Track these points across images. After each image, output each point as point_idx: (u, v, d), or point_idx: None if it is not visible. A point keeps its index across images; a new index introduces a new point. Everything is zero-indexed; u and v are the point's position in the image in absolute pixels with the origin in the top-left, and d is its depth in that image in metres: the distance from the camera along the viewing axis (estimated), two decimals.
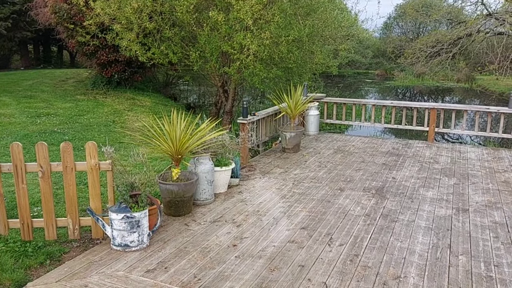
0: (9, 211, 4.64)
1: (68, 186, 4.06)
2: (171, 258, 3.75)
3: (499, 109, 8.38)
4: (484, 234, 4.33)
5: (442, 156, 7.57)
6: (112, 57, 12.69)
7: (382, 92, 25.65)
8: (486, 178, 6.25)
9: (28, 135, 8.52)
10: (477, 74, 26.12)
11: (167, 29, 9.50)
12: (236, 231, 4.32)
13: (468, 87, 26.57)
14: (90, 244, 4.13)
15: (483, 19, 20.89)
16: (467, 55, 24.94)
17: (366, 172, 6.51)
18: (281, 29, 8.65)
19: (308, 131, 9.32)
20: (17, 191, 4.03)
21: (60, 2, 12.41)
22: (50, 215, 4.09)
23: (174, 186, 4.61)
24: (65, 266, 3.62)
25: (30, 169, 4.03)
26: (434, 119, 8.65)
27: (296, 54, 9.35)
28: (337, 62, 12.52)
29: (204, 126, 5.06)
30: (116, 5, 9.37)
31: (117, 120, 10.48)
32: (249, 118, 7.01)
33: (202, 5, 9.39)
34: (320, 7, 9.86)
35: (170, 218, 4.65)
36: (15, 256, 3.82)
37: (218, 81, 10.88)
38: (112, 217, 3.83)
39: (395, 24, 38.97)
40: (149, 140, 4.82)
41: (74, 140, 8.28)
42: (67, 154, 4.00)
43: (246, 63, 8.92)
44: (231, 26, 8.85)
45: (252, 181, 6.01)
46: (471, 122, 13.42)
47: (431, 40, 23.11)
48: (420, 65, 23.74)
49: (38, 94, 13.25)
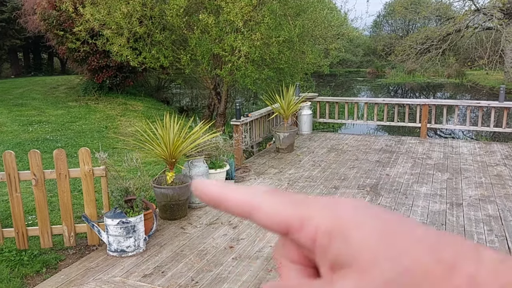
0: (3, 220, 4.61)
1: (62, 193, 4.04)
2: (168, 262, 3.74)
3: (490, 103, 8.46)
4: (478, 227, 4.37)
5: (434, 151, 7.62)
6: (103, 63, 12.64)
7: (374, 90, 25.78)
8: (478, 172, 6.31)
9: (20, 143, 8.46)
10: (467, 69, 26.35)
11: (157, 33, 9.50)
12: (232, 233, 4.33)
13: (458, 82, 26.78)
14: (86, 250, 4.12)
15: (472, 15, 21.09)
16: (457, 51, 25.14)
17: (360, 169, 6.54)
18: (271, 30, 8.67)
19: (302, 131, 9.35)
20: (11, 200, 4.01)
21: (49, 9, 12.35)
22: (45, 223, 4.07)
23: (169, 190, 4.61)
24: (61, 274, 3.60)
25: (24, 177, 4.01)
26: (426, 115, 8.71)
27: (287, 54, 9.38)
28: (328, 61, 12.58)
29: (198, 129, 5.06)
30: (106, 10, 9.34)
31: (110, 125, 10.44)
32: (242, 119, 7.03)
33: (192, 8, 9.40)
34: (309, 7, 9.91)
35: (166, 222, 4.65)
36: (11, 266, 3.79)
37: (210, 84, 10.88)
38: (108, 223, 3.82)
39: (384, 22, 39.20)
40: (142, 145, 4.82)
41: (67, 147, 8.24)
42: (61, 161, 3.99)
43: (237, 65, 8.93)
44: (221, 29, 8.86)
45: (247, 182, 6.02)
46: (462, 117, 13.53)
47: (420, 37, 23.27)
48: (411, 62, 23.90)
49: (30, 102, 13.17)
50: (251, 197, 0.26)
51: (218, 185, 0.27)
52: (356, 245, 0.23)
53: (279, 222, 0.25)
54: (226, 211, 0.27)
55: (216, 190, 0.27)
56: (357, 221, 0.24)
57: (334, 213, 0.24)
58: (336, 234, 0.24)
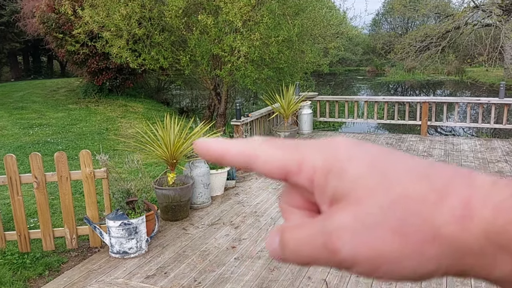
0: (5, 224, 4.61)
1: (63, 196, 4.04)
2: (170, 263, 3.74)
3: (490, 100, 8.46)
4: None
5: (435, 149, 7.62)
6: (102, 65, 12.65)
7: (374, 88, 25.77)
8: (479, 169, 6.30)
9: (21, 146, 8.47)
10: (467, 66, 26.32)
11: (156, 35, 9.50)
12: (234, 233, 4.33)
13: (458, 79, 26.76)
14: (88, 253, 4.12)
15: (471, 12, 21.07)
16: (456, 48, 25.13)
17: None
18: (270, 30, 8.67)
19: (302, 130, 9.35)
20: (13, 203, 4.01)
21: (48, 12, 12.35)
22: (47, 225, 4.08)
23: (170, 191, 4.61)
24: (64, 276, 3.60)
25: (25, 180, 4.01)
26: (426, 113, 8.70)
27: (287, 54, 9.38)
28: (327, 60, 12.57)
29: (198, 130, 5.06)
30: (105, 12, 9.35)
31: (110, 127, 10.45)
32: (242, 119, 7.03)
33: (191, 9, 9.40)
34: (308, 6, 9.90)
35: (168, 223, 4.65)
36: (13, 269, 3.80)
37: (210, 84, 10.88)
38: (110, 225, 3.83)
39: (383, 20, 39.21)
40: (143, 146, 4.82)
41: (68, 149, 8.25)
42: (62, 163, 3.99)
43: (237, 65, 8.93)
44: (220, 29, 8.86)
45: (249, 183, 6.02)
46: (463, 114, 13.51)
47: (420, 34, 23.25)
48: (410, 60, 23.88)
49: (30, 105, 13.18)
50: (250, 148, 0.27)
51: (218, 141, 0.28)
52: (351, 179, 0.24)
53: (278, 168, 0.26)
54: (228, 164, 0.28)
55: (217, 145, 0.28)
56: (350, 157, 0.25)
57: (328, 153, 0.26)
58: (332, 172, 0.25)
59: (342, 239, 0.23)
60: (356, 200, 0.24)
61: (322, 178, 0.25)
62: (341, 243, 0.24)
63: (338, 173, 0.25)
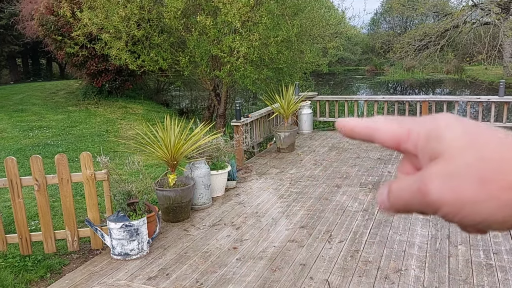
0: (6, 226, 4.60)
1: (64, 198, 4.04)
2: (172, 264, 3.74)
3: (490, 98, 8.46)
4: None
5: None
6: (102, 67, 12.64)
7: (373, 88, 25.77)
8: None
9: (21, 149, 8.46)
10: (466, 65, 26.33)
11: (155, 36, 9.50)
12: (235, 234, 4.33)
13: (458, 78, 26.76)
14: (90, 255, 4.12)
15: (469, 10, 21.09)
16: (455, 47, 25.13)
17: (362, 167, 6.54)
18: (269, 30, 8.67)
19: (302, 130, 9.35)
20: (14, 206, 4.01)
21: (46, 14, 12.35)
22: (48, 228, 4.07)
23: (171, 192, 4.61)
24: (66, 279, 3.60)
25: (26, 183, 4.01)
26: (426, 112, 8.70)
27: (286, 54, 9.38)
28: (327, 60, 12.56)
29: (198, 131, 5.06)
30: (104, 14, 9.35)
31: (110, 129, 10.45)
32: (242, 120, 7.02)
33: (189, 10, 9.40)
34: (307, 6, 9.91)
35: (169, 224, 4.65)
36: (15, 271, 3.79)
37: (210, 85, 10.88)
38: (111, 227, 3.82)
39: (382, 19, 39.22)
40: (143, 148, 4.82)
41: (68, 151, 8.24)
42: (62, 166, 3.99)
43: (236, 66, 8.93)
44: (219, 30, 8.86)
45: (249, 183, 6.02)
46: (462, 112, 13.51)
47: (418, 33, 23.27)
48: (409, 59, 23.90)
49: (30, 107, 13.17)
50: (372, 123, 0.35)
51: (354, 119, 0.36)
52: (447, 142, 0.31)
53: (393, 136, 0.34)
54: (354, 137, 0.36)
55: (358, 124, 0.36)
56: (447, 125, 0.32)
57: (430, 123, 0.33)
58: (432, 136, 0.32)
59: (433, 184, 0.30)
60: (449, 156, 0.30)
61: (424, 141, 0.32)
62: (431, 187, 0.30)
63: (436, 137, 0.31)
